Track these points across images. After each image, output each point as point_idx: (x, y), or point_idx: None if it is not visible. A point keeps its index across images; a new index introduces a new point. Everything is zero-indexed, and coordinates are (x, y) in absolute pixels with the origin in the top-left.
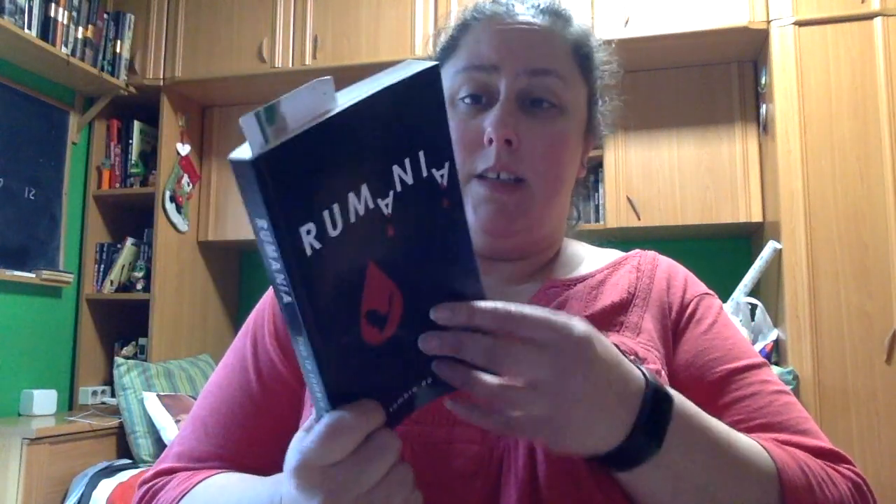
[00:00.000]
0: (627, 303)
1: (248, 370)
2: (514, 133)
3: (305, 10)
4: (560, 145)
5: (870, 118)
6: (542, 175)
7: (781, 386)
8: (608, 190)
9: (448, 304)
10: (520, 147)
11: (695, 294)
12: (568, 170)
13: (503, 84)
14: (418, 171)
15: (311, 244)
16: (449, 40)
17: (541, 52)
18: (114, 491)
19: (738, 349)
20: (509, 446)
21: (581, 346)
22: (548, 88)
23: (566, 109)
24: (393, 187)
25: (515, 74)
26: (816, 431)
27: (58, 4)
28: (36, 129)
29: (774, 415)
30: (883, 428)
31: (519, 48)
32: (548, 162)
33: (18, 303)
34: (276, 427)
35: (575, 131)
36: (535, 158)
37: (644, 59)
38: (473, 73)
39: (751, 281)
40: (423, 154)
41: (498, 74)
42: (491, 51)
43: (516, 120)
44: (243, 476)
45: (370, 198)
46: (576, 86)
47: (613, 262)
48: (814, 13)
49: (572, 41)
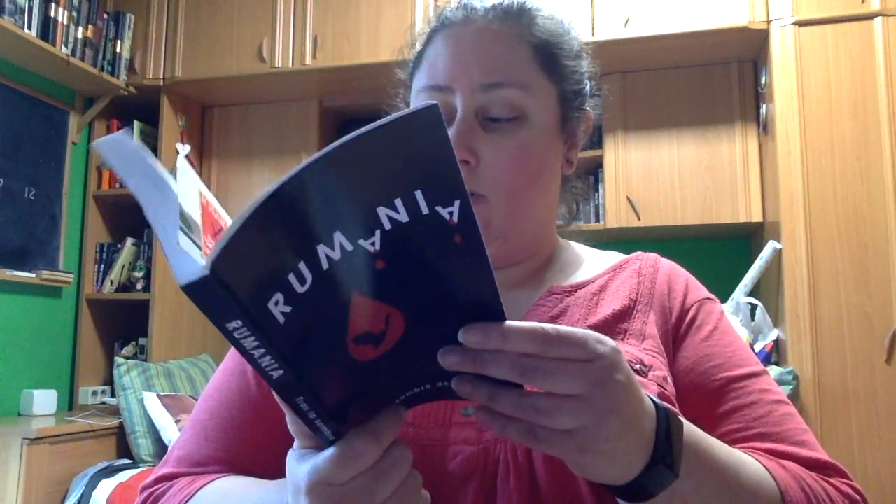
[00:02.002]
0: (630, 309)
1: (246, 373)
2: (471, 153)
3: (305, 10)
4: (523, 157)
5: (870, 118)
6: (504, 189)
7: (781, 395)
8: (608, 190)
9: (478, 325)
10: (478, 165)
11: (695, 299)
12: (536, 178)
13: (459, 103)
14: (415, 210)
15: (281, 312)
16: (417, 53)
17: (495, 64)
18: (114, 491)
19: (738, 357)
20: (506, 448)
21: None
22: (504, 101)
23: (527, 118)
24: (380, 226)
25: (470, 91)
26: (814, 443)
27: (58, 4)
28: (36, 129)
29: (773, 425)
30: (883, 428)
31: (471, 64)
32: (510, 176)
33: (18, 303)
34: (276, 430)
35: (542, 136)
36: (497, 174)
37: (644, 59)
38: (432, 94)
39: (751, 281)
40: (420, 193)
41: (453, 94)
42: (444, 71)
43: (474, 138)
44: (247, 482)
45: (347, 242)
46: (539, 89)
47: (614, 265)
48: (814, 13)
49: (535, 42)
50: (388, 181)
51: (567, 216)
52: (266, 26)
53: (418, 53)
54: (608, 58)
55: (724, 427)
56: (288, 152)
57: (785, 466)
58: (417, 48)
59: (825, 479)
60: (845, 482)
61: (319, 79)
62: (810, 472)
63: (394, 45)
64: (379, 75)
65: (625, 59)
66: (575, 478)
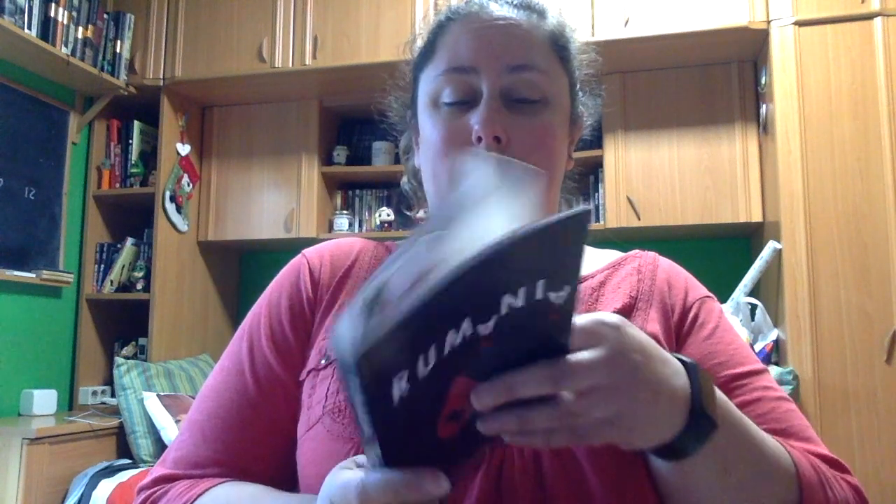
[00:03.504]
0: (631, 307)
1: (244, 373)
2: (503, 130)
3: (305, 10)
4: (549, 137)
5: (870, 118)
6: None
7: (782, 392)
8: (608, 190)
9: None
10: (509, 144)
11: (696, 297)
12: (558, 161)
13: (485, 84)
14: (532, 296)
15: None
16: (426, 44)
17: (519, 48)
18: (114, 491)
19: (740, 354)
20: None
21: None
22: (530, 83)
23: (550, 101)
24: (497, 312)
25: (496, 73)
26: (817, 439)
27: (58, 4)
28: (36, 129)
29: (778, 421)
30: (883, 428)
31: (497, 46)
32: (539, 155)
33: (18, 303)
34: (274, 430)
35: (560, 122)
36: (526, 154)
37: (644, 59)
38: (454, 76)
39: (751, 281)
40: (543, 282)
41: (478, 75)
42: (469, 52)
43: (502, 117)
44: (253, 491)
45: (470, 328)
46: (557, 77)
47: (612, 262)
48: (814, 13)
49: (549, 33)
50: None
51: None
52: (266, 26)
53: (428, 44)
54: (608, 58)
55: None
56: (288, 152)
57: (794, 447)
58: (423, 42)
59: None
60: (845, 477)
61: (319, 79)
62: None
63: (394, 45)
64: (379, 75)
65: (625, 59)
66: (580, 465)
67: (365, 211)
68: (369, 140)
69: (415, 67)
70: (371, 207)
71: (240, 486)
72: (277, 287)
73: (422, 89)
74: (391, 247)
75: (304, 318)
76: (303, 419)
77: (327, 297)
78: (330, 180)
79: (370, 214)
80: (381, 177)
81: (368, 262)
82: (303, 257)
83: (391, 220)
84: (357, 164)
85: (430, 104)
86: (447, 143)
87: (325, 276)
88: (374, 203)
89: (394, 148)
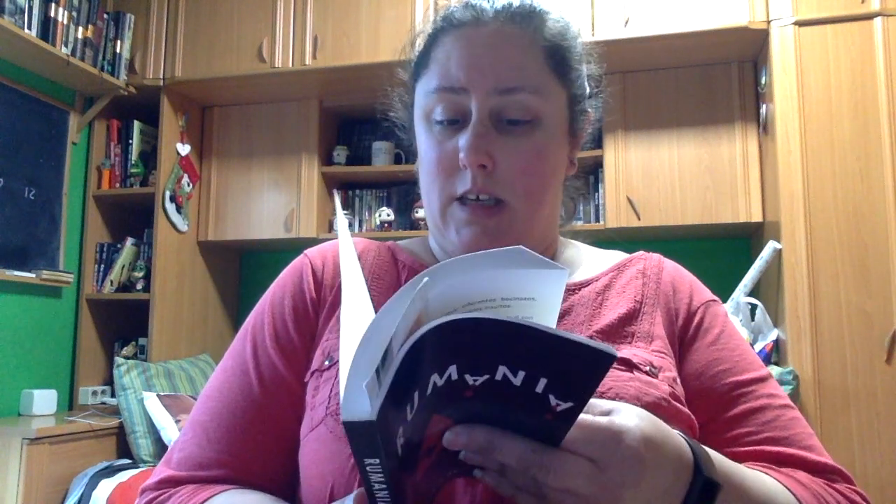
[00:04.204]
0: (636, 311)
1: (248, 373)
2: (488, 156)
3: (305, 10)
4: (537, 160)
5: (870, 118)
6: (522, 194)
7: (786, 399)
8: (608, 190)
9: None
10: (495, 168)
11: (701, 301)
12: (550, 179)
13: (474, 106)
14: (531, 385)
15: (400, 443)
16: (422, 53)
17: (509, 70)
18: (114, 491)
19: (745, 361)
20: None
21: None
22: (520, 105)
23: (541, 122)
24: (491, 374)
25: (486, 94)
26: (820, 448)
27: (58, 4)
28: (36, 129)
29: (781, 429)
30: (883, 428)
31: (487, 66)
32: (526, 179)
33: (18, 303)
34: (279, 430)
35: (554, 139)
36: (513, 178)
37: (644, 59)
38: (445, 95)
39: (751, 281)
40: (545, 381)
41: (468, 96)
42: (459, 71)
43: (490, 140)
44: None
45: (456, 373)
46: (551, 93)
47: (616, 264)
48: (814, 13)
49: (545, 48)
50: (527, 361)
51: (564, 216)
52: (266, 26)
53: (423, 53)
54: (608, 58)
55: (734, 431)
56: (288, 152)
57: (807, 487)
58: (420, 47)
59: (832, 485)
60: (850, 488)
61: (319, 79)
62: (817, 478)
63: (394, 45)
64: (379, 75)
65: (625, 59)
66: None
67: (365, 211)
68: (369, 140)
69: (412, 75)
70: (371, 207)
71: (241, 495)
72: (280, 287)
73: (417, 101)
74: (393, 247)
75: (308, 319)
76: (306, 420)
77: (331, 298)
78: (330, 180)
79: (370, 214)
80: (381, 177)
81: (371, 263)
82: (305, 258)
83: (391, 220)
84: (357, 164)
85: (423, 118)
86: (438, 166)
87: (329, 277)
88: (374, 203)
89: (394, 148)
